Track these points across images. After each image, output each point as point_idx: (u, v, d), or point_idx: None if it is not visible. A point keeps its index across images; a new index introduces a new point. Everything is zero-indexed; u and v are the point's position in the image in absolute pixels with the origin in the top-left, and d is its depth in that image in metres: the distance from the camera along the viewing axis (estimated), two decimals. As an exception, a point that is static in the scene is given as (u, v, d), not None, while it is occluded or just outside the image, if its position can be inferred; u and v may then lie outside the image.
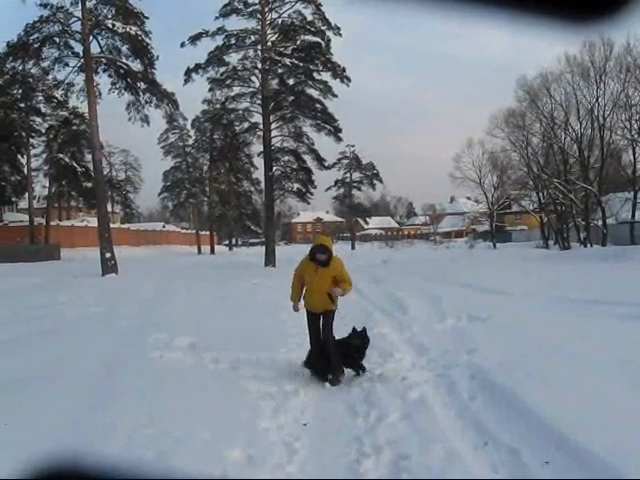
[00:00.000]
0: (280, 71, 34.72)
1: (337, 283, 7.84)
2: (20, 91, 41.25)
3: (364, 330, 7.96)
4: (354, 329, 7.97)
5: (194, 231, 73.16)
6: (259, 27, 34.50)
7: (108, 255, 28.52)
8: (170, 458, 4.65)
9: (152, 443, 4.97)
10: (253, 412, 6.11)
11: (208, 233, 69.34)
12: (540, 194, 52.50)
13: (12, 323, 12.47)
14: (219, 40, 34.34)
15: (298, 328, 7.54)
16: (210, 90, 36.51)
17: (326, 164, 39.36)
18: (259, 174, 53.35)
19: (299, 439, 5.50)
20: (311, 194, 39.22)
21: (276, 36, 35.07)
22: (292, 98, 35.49)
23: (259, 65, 34.99)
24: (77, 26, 29.19)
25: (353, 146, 73.83)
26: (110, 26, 29.45)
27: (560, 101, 46.26)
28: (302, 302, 8.05)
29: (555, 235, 51.72)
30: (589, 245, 44.51)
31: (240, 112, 37.70)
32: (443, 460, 4.74)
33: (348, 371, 7.70)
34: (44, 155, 53.81)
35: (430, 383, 7.12)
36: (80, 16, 28.84)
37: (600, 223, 45.23)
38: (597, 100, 44.55)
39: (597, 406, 5.37)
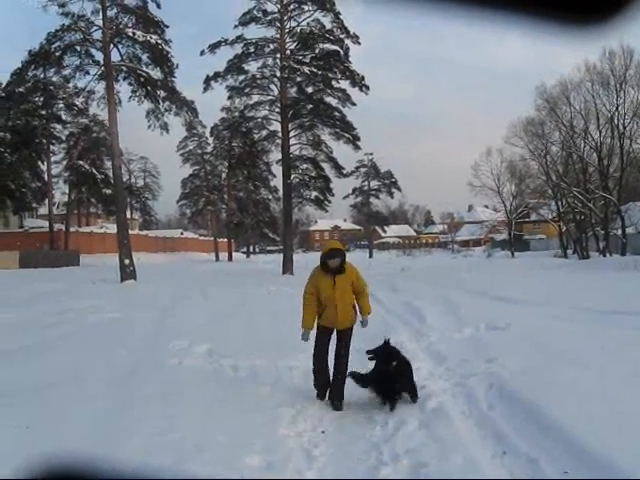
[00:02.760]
0: (299, 79, 34.84)
1: (355, 293, 7.07)
2: (41, 99, 41.69)
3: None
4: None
5: (212, 238, 73.37)
6: (278, 35, 34.71)
7: (127, 261, 28.68)
8: (190, 464, 4.70)
9: (172, 448, 5.02)
10: (272, 419, 6.14)
11: (226, 240, 69.44)
12: (559, 203, 52.19)
13: (34, 328, 12.58)
14: (238, 48, 34.64)
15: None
16: (229, 98, 36.83)
17: (344, 172, 39.39)
18: (277, 182, 53.65)
19: (318, 446, 5.52)
20: (329, 202, 39.27)
21: (295, 44, 35.24)
22: (311, 106, 35.58)
23: (278, 73, 35.16)
24: (98, 34, 29.51)
25: (371, 154, 74.02)
26: (131, 35, 29.69)
27: (580, 109, 46.01)
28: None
29: (574, 244, 51.33)
30: (608, 254, 44.17)
31: (259, 120, 37.89)
32: (462, 469, 4.74)
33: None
34: (64, 162, 54.36)
35: (448, 392, 7.10)
36: (101, 25, 29.12)
37: (619, 232, 44.85)
38: (617, 108, 44.29)
39: (617, 417, 5.34)
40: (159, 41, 30.07)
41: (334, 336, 7.21)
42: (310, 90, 35.47)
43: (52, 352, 9.85)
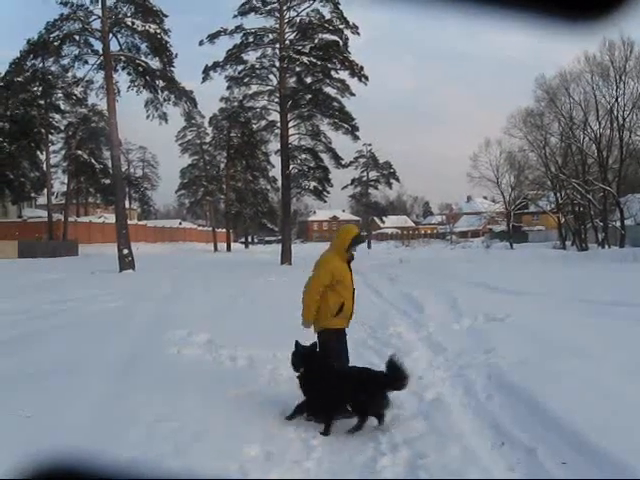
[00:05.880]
0: (298, 69, 34.82)
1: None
2: (40, 88, 41.58)
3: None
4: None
5: (210, 228, 73.26)
6: (277, 25, 34.63)
7: (125, 251, 28.70)
8: (189, 452, 4.70)
9: (171, 437, 5.03)
10: (270, 408, 6.13)
11: (224, 230, 69.36)
12: (558, 194, 52.22)
13: (33, 317, 12.60)
14: (237, 38, 34.63)
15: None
16: (228, 88, 36.83)
17: (343, 163, 39.41)
18: (276, 172, 53.53)
19: (316, 437, 5.52)
20: (328, 192, 39.33)
21: (294, 34, 35.19)
22: (310, 96, 35.55)
23: (277, 63, 35.12)
24: (97, 24, 29.48)
25: (370, 145, 73.79)
26: (129, 24, 29.62)
27: (579, 101, 45.99)
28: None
29: (572, 236, 51.39)
30: (607, 246, 44.19)
31: (258, 110, 37.90)
32: (460, 459, 4.75)
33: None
34: (63, 152, 54.31)
35: (447, 383, 7.11)
36: (100, 14, 29.06)
37: (618, 224, 44.87)
38: (617, 100, 44.24)
39: (615, 408, 5.34)
40: (158, 31, 30.01)
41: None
42: (309, 80, 35.47)
43: (52, 341, 9.86)
